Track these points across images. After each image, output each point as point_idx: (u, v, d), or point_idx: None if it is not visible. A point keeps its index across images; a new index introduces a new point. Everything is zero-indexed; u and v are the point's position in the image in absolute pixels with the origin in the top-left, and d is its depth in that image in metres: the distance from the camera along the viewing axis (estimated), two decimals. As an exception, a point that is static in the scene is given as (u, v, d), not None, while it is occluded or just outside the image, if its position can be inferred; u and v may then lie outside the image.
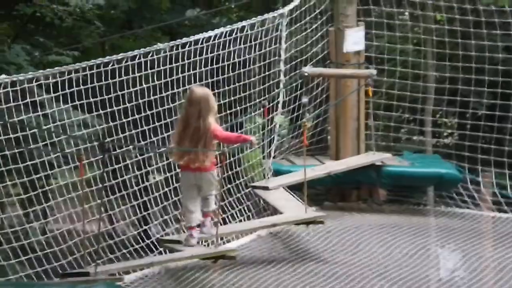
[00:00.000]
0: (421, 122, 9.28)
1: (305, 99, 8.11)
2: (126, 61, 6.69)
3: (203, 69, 7.33)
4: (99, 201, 6.25)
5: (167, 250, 6.44)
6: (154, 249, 6.78)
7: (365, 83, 7.99)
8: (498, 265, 6.37)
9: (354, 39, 8.29)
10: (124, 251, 6.57)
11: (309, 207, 6.78)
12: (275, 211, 7.06)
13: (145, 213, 7.17)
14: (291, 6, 8.18)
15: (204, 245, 6.13)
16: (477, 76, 8.67)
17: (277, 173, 7.74)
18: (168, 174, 7.07)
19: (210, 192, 5.93)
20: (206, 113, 5.75)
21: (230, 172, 7.30)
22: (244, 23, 7.70)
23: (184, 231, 6.22)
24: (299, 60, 8.44)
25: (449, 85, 8.79)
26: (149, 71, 6.92)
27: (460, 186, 8.16)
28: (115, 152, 6.54)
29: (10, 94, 6.02)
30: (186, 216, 5.96)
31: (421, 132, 9.54)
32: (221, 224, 6.18)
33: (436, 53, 8.99)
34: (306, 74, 7.91)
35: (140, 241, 6.88)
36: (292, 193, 7.20)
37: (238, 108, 7.65)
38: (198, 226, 5.99)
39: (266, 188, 7.19)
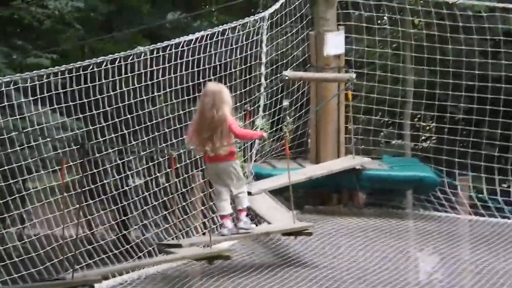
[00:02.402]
0: (400, 125, 9.34)
1: (286, 103, 8.12)
2: (106, 65, 6.65)
3: (184, 72, 7.32)
4: (77, 206, 6.20)
5: (146, 255, 6.39)
6: (133, 254, 6.73)
7: (345, 87, 8.03)
8: (475, 268, 6.42)
9: (334, 43, 8.32)
10: (103, 256, 6.51)
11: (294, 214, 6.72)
12: (256, 217, 7.02)
13: (124, 217, 7.12)
14: (271, 9, 8.20)
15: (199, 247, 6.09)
16: (454, 81, 8.75)
17: (258, 176, 7.73)
18: (148, 178, 7.03)
19: (230, 181, 6.03)
20: (220, 103, 5.96)
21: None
22: (225, 26, 7.70)
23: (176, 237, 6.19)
24: (279, 63, 8.46)
25: (427, 89, 8.86)
26: (130, 74, 6.88)
27: (438, 190, 8.23)
28: (95, 155, 6.48)
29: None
30: (217, 204, 6.13)
31: (400, 136, 9.61)
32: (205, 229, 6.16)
33: (415, 57, 9.07)
34: (286, 77, 7.93)
35: (120, 246, 6.83)
36: (273, 198, 7.18)
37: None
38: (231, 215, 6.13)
39: (248, 194, 7.17)
